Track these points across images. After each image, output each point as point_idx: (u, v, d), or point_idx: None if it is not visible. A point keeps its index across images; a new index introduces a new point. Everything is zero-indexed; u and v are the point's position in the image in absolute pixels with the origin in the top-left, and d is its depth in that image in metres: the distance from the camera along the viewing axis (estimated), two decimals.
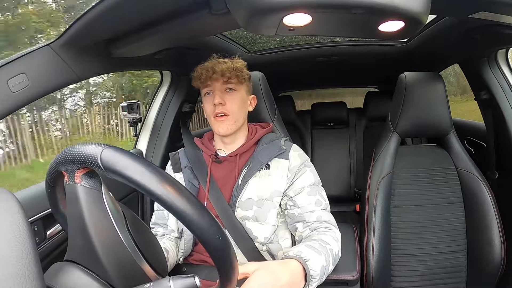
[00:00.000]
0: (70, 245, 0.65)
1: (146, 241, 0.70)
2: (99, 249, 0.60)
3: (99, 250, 0.60)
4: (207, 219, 0.56)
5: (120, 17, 0.94)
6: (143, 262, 0.65)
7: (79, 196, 0.60)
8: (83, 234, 0.60)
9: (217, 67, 1.16)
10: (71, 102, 8.56)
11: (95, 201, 0.61)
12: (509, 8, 0.91)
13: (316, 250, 1.00)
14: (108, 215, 0.62)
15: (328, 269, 1.02)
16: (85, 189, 0.60)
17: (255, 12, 0.72)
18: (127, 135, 7.69)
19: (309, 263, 0.93)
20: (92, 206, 0.61)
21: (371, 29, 0.83)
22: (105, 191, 0.63)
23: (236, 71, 1.18)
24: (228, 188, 1.21)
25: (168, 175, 0.56)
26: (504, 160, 1.61)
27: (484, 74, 1.60)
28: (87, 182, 0.61)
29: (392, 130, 1.57)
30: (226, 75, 1.16)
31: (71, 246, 0.65)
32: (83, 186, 0.60)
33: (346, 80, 3.34)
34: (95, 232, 0.60)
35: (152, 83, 8.16)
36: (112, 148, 0.54)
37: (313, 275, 0.93)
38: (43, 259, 1.09)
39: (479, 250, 1.41)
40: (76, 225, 0.62)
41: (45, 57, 0.99)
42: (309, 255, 0.96)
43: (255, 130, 1.31)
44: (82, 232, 0.60)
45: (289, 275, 0.88)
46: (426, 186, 1.52)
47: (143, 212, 1.73)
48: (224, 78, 1.17)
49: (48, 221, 1.11)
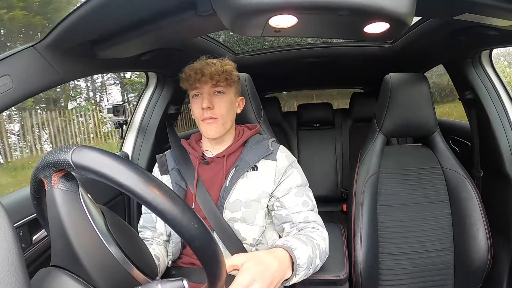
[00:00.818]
0: (53, 249, 0.64)
1: (130, 242, 0.69)
2: (79, 251, 0.59)
3: (79, 252, 0.59)
4: (179, 205, 0.54)
5: (105, 18, 0.93)
6: (129, 264, 0.64)
7: (56, 199, 0.60)
8: (63, 237, 0.60)
9: (206, 70, 1.15)
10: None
11: (72, 203, 0.61)
12: (492, 9, 0.92)
13: (303, 241, 1.00)
14: (87, 216, 0.61)
15: (315, 262, 1.01)
16: (62, 191, 0.60)
17: (240, 14, 0.71)
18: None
19: (295, 252, 0.94)
20: (69, 208, 0.60)
21: (357, 30, 0.84)
22: (82, 192, 0.63)
23: (226, 74, 1.17)
24: (215, 190, 1.20)
25: (138, 167, 0.55)
26: (489, 158, 1.63)
27: (468, 74, 1.63)
28: (64, 185, 0.61)
29: (378, 130, 1.59)
30: (215, 78, 1.15)
31: (54, 251, 0.64)
32: (60, 189, 0.60)
33: (332, 81, 3.36)
34: (74, 234, 0.59)
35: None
36: (82, 147, 0.55)
37: (299, 263, 0.93)
38: (29, 265, 1.07)
39: (465, 248, 1.42)
40: (56, 228, 0.61)
41: (30, 58, 0.97)
42: (296, 244, 0.97)
43: (242, 132, 1.30)
44: (62, 235, 0.60)
45: (278, 263, 0.88)
46: (412, 185, 1.54)
47: (130, 216, 1.71)
48: (213, 81, 1.16)
49: (33, 226, 1.09)
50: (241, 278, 0.80)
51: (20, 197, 1.10)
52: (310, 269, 1.00)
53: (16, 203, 1.07)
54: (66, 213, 0.60)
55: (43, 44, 0.98)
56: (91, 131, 8.28)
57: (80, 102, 10.16)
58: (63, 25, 0.92)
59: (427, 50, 1.85)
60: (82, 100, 10.24)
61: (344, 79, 3.23)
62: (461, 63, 1.63)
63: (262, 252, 0.92)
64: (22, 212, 1.06)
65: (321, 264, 1.08)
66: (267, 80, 2.65)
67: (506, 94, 1.58)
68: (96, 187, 1.28)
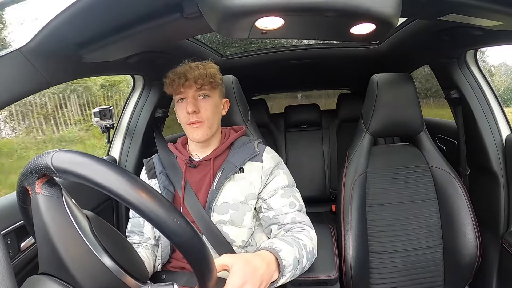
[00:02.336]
0: (40, 257, 0.64)
1: (117, 246, 0.68)
2: (64, 257, 0.59)
3: (64, 258, 0.59)
4: (159, 202, 0.54)
5: (91, 20, 0.91)
6: (117, 268, 0.63)
7: (40, 205, 0.60)
8: (48, 243, 0.60)
9: (190, 74, 1.15)
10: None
11: (56, 208, 0.61)
12: (477, 10, 0.93)
13: (288, 243, 1.00)
14: (71, 221, 0.61)
15: (302, 262, 1.01)
16: (45, 197, 0.60)
17: (227, 16, 0.71)
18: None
19: (281, 254, 0.93)
20: (53, 214, 0.60)
21: (343, 31, 0.84)
22: (66, 197, 0.63)
23: (210, 78, 1.17)
24: (203, 193, 1.20)
25: (117, 167, 0.55)
26: (475, 156, 1.66)
27: (454, 74, 1.65)
28: (47, 190, 0.61)
29: (365, 130, 1.60)
30: (199, 82, 1.15)
31: (41, 258, 0.63)
32: (43, 195, 0.60)
33: (319, 83, 3.38)
34: (59, 240, 0.59)
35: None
36: (62, 150, 0.55)
37: (285, 265, 0.93)
38: (18, 273, 1.05)
39: (454, 244, 1.44)
40: (41, 235, 0.61)
41: (15, 62, 0.95)
42: (281, 246, 0.97)
43: (228, 134, 1.30)
44: (47, 241, 0.60)
45: (265, 264, 0.88)
46: (400, 184, 1.55)
47: (118, 221, 1.70)
48: (197, 85, 1.15)
49: (21, 233, 1.07)
50: (233, 280, 0.79)
51: (6, 204, 1.07)
52: (297, 270, 1.00)
53: (2, 210, 1.05)
54: (50, 219, 0.60)
55: (28, 47, 0.96)
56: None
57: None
58: (48, 28, 0.90)
59: (413, 50, 1.87)
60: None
61: (331, 80, 3.24)
62: (447, 63, 1.65)
63: (248, 254, 0.92)
64: (9, 219, 1.03)
65: (309, 264, 1.08)
66: (254, 82, 2.65)
67: (491, 93, 1.61)
68: (83, 192, 1.27)
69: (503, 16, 0.95)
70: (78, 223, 0.62)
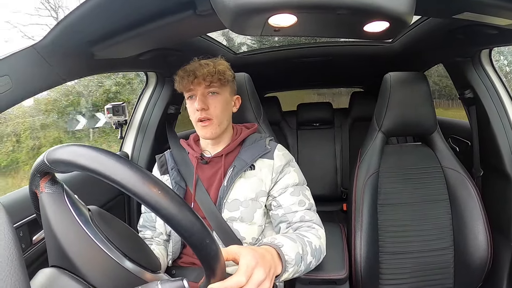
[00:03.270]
0: (48, 250, 0.65)
1: (122, 236, 0.69)
2: (67, 248, 0.61)
3: (67, 249, 0.61)
4: (162, 190, 0.52)
5: (104, 18, 0.92)
6: (123, 259, 0.64)
7: (44, 202, 0.63)
8: (52, 236, 0.62)
9: (199, 71, 1.15)
10: None
11: (57, 203, 0.63)
12: (492, 8, 0.92)
13: (291, 239, 0.99)
14: (72, 214, 0.63)
15: (306, 259, 1.00)
16: (48, 194, 0.64)
17: (240, 13, 0.71)
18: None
19: (283, 249, 0.92)
20: (55, 208, 0.63)
21: (356, 29, 0.83)
22: (68, 192, 0.66)
23: (219, 75, 1.17)
24: (214, 189, 1.21)
25: (113, 154, 0.54)
26: (489, 158, 1.63)
27: (468, 73, 1.62)
28: (50, 188, 0.64)
29: (378, 129, 1.58)
30: (208, 79, 1.16)
31: (49, 252, 0.65)
32: (47, 193, 0.63)
33: (331, 81, 3.36)
34: (61, 233, 0.62)
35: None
36: (57, 146, 0.58)
37: (288, 260, 0.92)
38: (29, 265, 1.07)
39: (465, 247, 1.42)
40: (46, 230, 0.63)
41: (29, 58, 0.96)
42: (283, 241, 0.95)
43: (240, 131, 1.31)
44: (52, 235, 0.62)
45: (270, 254, 0.87)
46: (412, 184, 1.54)
47: (130, 216, 1.72)
48: (206, 82, 1.16)
49: (33, 226, 1.09)
50: (246, 260, 0.77)
51: (19, 197, 1.10)
52: (301, 266, 0.98)
53: (16, 203, 1.07)
54: (52, 213, 0.63)
55: (42, 44, 0.97)
56: None
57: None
58: (62, 25, 0.91)
59: (426, 49, 1.84)
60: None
61: (343, 78, 3.23)
62: (461, 62, 1.63)
63: (252, 246, 0.92)
64: (22, 212, 1.06)
65: (315, 262, 1.07)
66: (266, 80, 2.65)
67: (506, 93, 1.57)
68: (94, 188, 1.29)
69: None
70: (79, 215, 0.64)
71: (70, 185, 0.68)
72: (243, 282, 0.71)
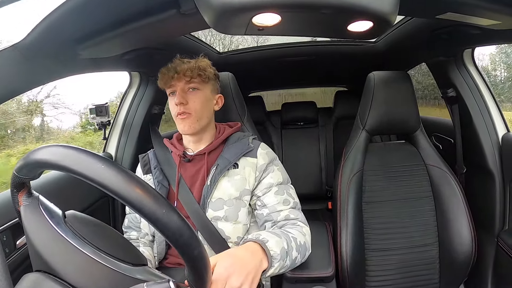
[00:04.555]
0: (30, 256, 0.65)
1: (98, 233, 0.68)
2: (42, 251, 0.62)
3: (43, 252, 0.62)
4: (137, 184, 0.50)
5: (88, 16, 0.91)
6: (97, 254, 0.62)
7: (22, 214, 0.66)
8: (31, 243, 0.63)
9: (180, 67, 1.16)
10: None
11: (33, 212, 0.65)
12: (475, 9, 0.93)
13: (276, 234, 1.00)
14: (45, 218, 0.64)
15: (291, 254, 1.00)
16: (25, 207, 0.66)
17: (224, 12, 0.71)
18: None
19: (268, 244, 0.93)
20: (31, 217, 0.65)
21: (340, 29, 0.84)
22: (41, 201, 0.67)
23: (199, 71, 1.17)
24: (197, 188, 1.20)
25: (78, 148, 0.53)
26: (471, 155, 1.66)
27: (450, 73, 1.65)
28: (26, 200, 0.66)
29: (362, 128, 1.60)
30: (188, 74, 1.16)
31: (31, 257, 0.65)
32: (24, 206, 0.66)
33: (316, 80, 3.37)
34: (37, 237, 0.63)
35: None
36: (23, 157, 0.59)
37: (273, 255, 0.92)
38: (14, 270, 1.05)
39: (450, 242, 1.45)
40: (27, 238, 0.65)
41: (11, 58, 0.93)
42: (268, 237, 0.96)
43: (223, 129, 1.31)
44: (30, 243, 0.63)
45: (250, 254, 0.88)
46: (396, 182, 1.55)
47: (115, 217, 1.70)
48: (187, 77, 1.17)
49: (17, 230, 1.07)
50: (216, 274, 0.78)
51: (1, 201, 1.07)
52: (287, 261, 0.98)
53: None
54: (28, 222, 0.65)
55: (23, 43, 0.94)
56: None
57: None
58: (44, 24, 0.89)
59: (410, 48, 1.87)
60: None
61: (328, 78, 3.24)
62: (444, 61, 1.66)
63: (232, 248, 0.92)
64: (5, 216, 1.03)
65: (300, 258, 1.07)
66: (251, 79, 2.65)
67: (488, 92, 1.61)
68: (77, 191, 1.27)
69: (500, 15, 0.95)
70: (52, 218, 0.65)
71: (52, 189, 0.69)
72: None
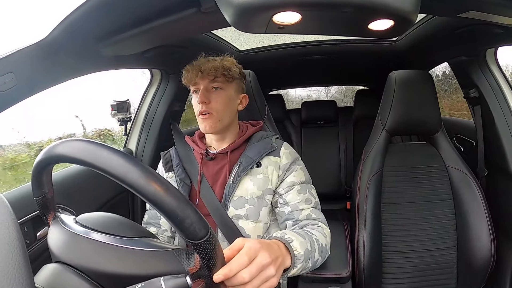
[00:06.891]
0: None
1: (101, 221, 0.71)
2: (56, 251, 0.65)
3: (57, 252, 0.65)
4: (142, 171, 0.50)
5: (109, 15, 0.92)
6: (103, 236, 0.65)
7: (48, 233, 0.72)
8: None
9: (204, 66, 1.16)
10: None
11: (53, 228, 0.71)
12: (498, 7, 0.91)
13: (300, 235, 0.98)
14: (59, 224, 0.71)
15: (313, 256, 0.99)
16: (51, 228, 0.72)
17: (244, 10, 0.71)
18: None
19: (293, 244, 0.90)
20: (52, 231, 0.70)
21: (361, 27, 0.83)
22: (60, 218, 0.73)
23: (223, 70, 1.17)
24: (219, 186, 1.21)
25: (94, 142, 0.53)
26: (493, 158, 1.62)
27: (473, 73, 1.62)
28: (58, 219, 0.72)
29: (382, 128, 1.58)
30: (212, 73, 1.16)
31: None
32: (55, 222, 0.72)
33: (336, 79, 3.35)
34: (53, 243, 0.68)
35: None
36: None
37: (297, 256, 0.89)
38: (34, 261, 1.08)
39: (469, 247, 1.42)
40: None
41: (33, 55, 0.95)
42: (293, 237, 0.93)
43: (245, 128, 1.31)
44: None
45: (277, 246, 0.83)
46: (416, 183, 1.53)
47: (134, 212, 1.72)
48: (210, 76, 1.17)
49: (37, 222, 1.10)
50: (249, 244, 0.71)
51: (24, 193, 1.10)
52: (309, 263, 0.97)
53: (20, 199, 1.07)
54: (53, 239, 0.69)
55: (46, 41, 0.96)
56: None
57: None
58: (66, 22, 0.91)
59: (431, 48, 1.83)
60: None
61: (348, 76, 3.22)
62: (466, 61, 1.62)
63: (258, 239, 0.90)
64: (26, 208, 1.06)
65: (321, 260, 1.07)
66: (271, 77, 2.64)
67: (511, 93, 1.56)
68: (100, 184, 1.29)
69: None
70: (63, 222, 0.70)
71: (74, 183, 0.71)
72: (245, 262, 0.66)
